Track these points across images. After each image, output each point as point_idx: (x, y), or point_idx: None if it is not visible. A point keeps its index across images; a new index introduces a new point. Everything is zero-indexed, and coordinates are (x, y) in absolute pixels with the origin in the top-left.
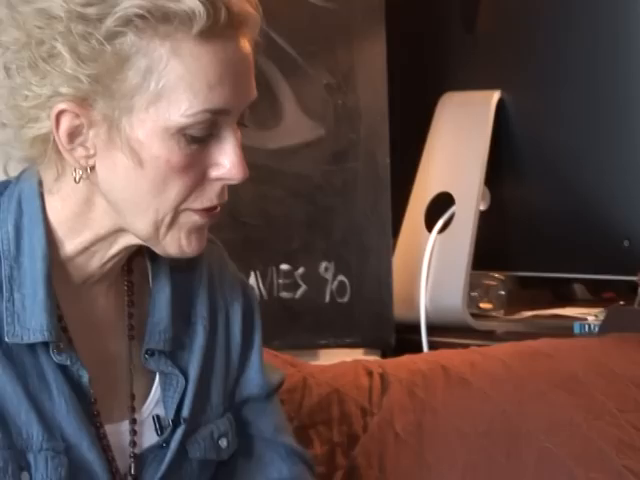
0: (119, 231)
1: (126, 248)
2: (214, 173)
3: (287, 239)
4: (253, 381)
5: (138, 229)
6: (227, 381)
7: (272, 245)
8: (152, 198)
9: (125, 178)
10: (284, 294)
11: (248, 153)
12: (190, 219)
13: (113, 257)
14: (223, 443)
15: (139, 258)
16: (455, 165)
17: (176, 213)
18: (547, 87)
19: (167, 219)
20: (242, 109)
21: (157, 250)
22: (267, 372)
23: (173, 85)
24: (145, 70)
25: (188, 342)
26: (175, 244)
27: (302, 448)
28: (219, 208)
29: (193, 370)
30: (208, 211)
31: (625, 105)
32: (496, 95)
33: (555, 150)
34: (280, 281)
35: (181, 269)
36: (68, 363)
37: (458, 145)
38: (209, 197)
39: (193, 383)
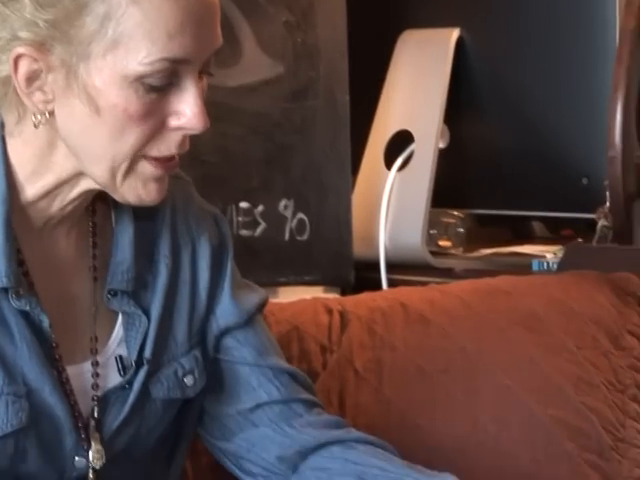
0: (80, 174)
1: (87, 191)
2: (174, 122)
3: (246, 177)
4: (228, 311)
5: (96, 175)
6: (193, 318)
7: (231, 183)
8: (109, 145)
9: (82, 125)
10: (243, 232)
11: (207, 91)
12: (147, 169)
13: (74, 200)
14: (189, 381)
15: (102, 200)
16: (414, 103)
17: (133, 161)
18: (507, 25)
19: (124, 167)
20: (205, 58)
21: (116, 197)
22: (243, 299)
23: (131, 32)
24: (103, 16)
25: (151, 281)
26: (133, 192)
27: (293, 367)
28: (177, 159)
29: (155, 310)
30: (165, 162)
31: (585, 43)
32: (455, 33)
33: (514, 88)
34: (239, 219)
35: (144, 209)
36: (27, 308)
37: (417, 83)
38: (168, 146)
39: (155, 323)
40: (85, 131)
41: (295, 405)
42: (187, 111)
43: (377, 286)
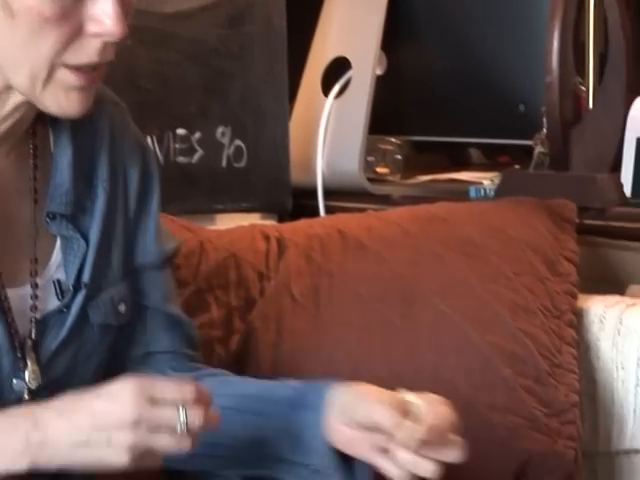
0: (9, 89)
1: (19, 107)
2: (91, 28)
3: (183, 104)
4: (148, 248)
5: (17, 84)
6: (126, 246)
7: (168, 110)
8: (26, 51)
9: None
10: (181, 159)
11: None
12: (68, 77)
13: (8, 117)
14: (121, 308)
15: (43, 122)
16: (352, 29)
17: (52, 68)
18: None
19: (43, 74)
20: None
21: (40, 107)
22: (162, 239)
23: None
24: None
25: (89, 205)
26: (55, 102)
27: (188, 320)
28: (101, 72)
29: (94, 234)
30: (87, 72)
31: None
32: None
33: (452, 14)
34: (176, 146)
35: (83, 132)
36: None
37: (355, 9)
38: (87, 53)
39: (94, 247)
40: (1, 37)
41: (181, 357)
42: (103, 16)
43: (314, 213)
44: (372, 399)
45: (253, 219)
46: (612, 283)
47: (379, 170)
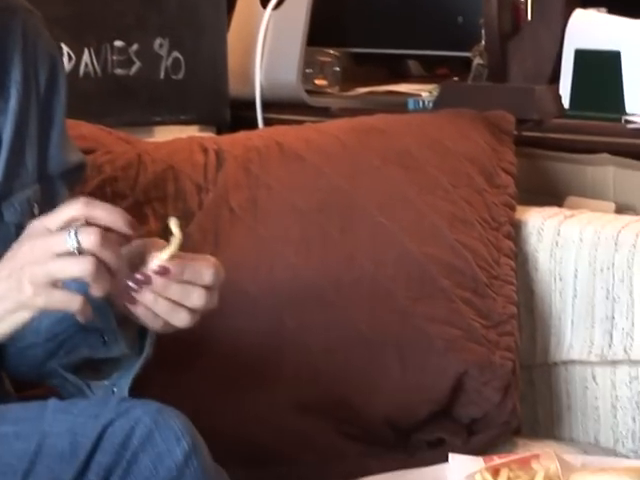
0: None
1: None
2: None
3: (120, 15)
4: (52, 158)
5: None
6: (40, 149)
7: (105, 21)
8: None
9: None
10: (118, 71)
11: None
12: None
13: None
14: (36, 210)
15: None
16: None
17: None
18: None
19: None
20: None
21: None
22: (66, 151)
23: None
24: None
25: (2, 105)
26: None
27: None
28: None
29: (7, 133)
30: None
31: None
32: None
33: None
34: (114, 58)
35: None
36: None
37: None
38: None
39: (7, 146)
40: None
41: None
42: None
43: (253, 125)
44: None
45: (191, 131)
46: (550, 195)
47: (317, 82)
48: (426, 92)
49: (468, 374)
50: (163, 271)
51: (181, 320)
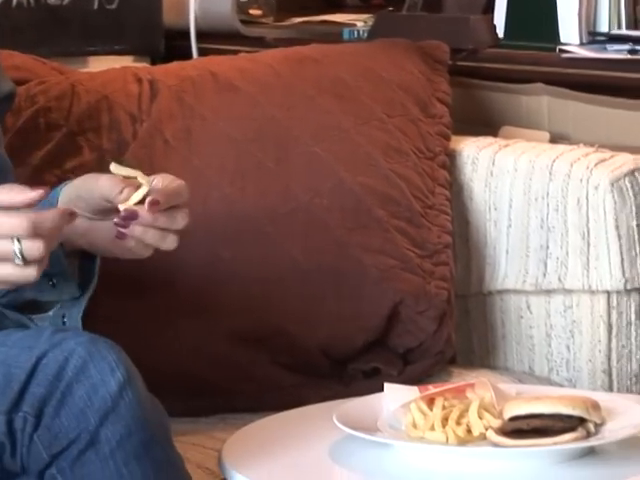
0: None
1: None
2: None
3: None
4: None
5: None
6: None
7: None
8: None
9: None
10: (52, 0)
11: None
12: None
13: None
14: None
15: None
16: None
17: None
18: None
19: None
20: None
21: None
22: None
23: None
24: None
25: None
26: None
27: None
28: None
29: None
30: None
31: None
32: None
33: None
34: None
35: None
36: None
37: None
38: None
39: None
40: None
41: None
42: None
43: (187, 55)
44: (96, 177)
45: (125, 61)
46: (485, 124)
47: (252, 12)
48: (361, 22)
49: (403, 304)
50: (153, 203)
51: (170, 243)
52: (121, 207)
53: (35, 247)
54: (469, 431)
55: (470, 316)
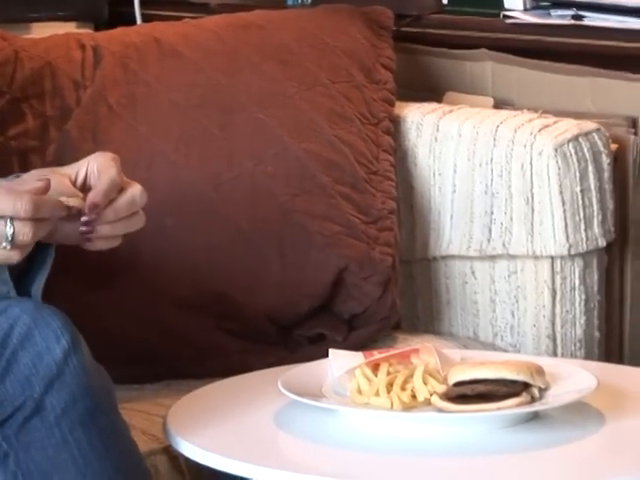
0: None
1: None
2: None
3: None
4: None
5: None
6: None
7: None
8: None
9: None
10: None
11: None
12: None
13: None
14: None
15: None
16: None
17: None
18: None
19: None
20: None
21: None
22: None
23: None
24: None
25: None
26: None
27: None
28: None
29: None
30: None
31: None
32: None
33: None
34: None
35: None
36: None
37: None
38: None
39: None
40: None
41: None
42: None
43: (131, 21)
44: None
45: (69, 28)
46: (429, 90)
47: None
48: None
49: (348, 269)
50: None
51: (138, 223)
52: (70, 203)
53: (27, 231)
54: (414, 397)
55: (415, 282)
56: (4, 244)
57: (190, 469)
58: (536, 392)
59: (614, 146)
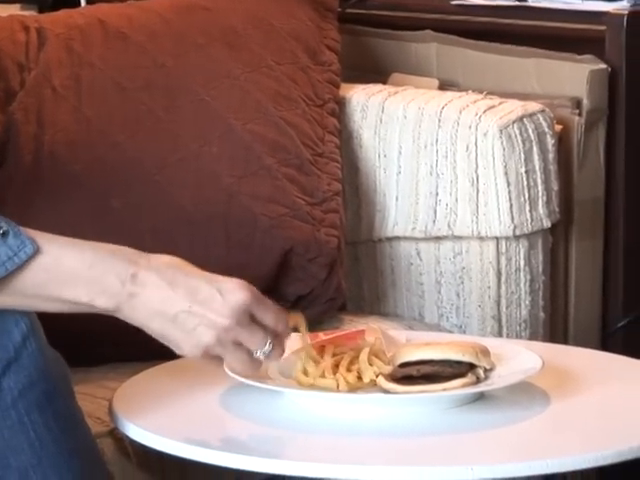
0: None
1: None
2: None
3: None
4: None
5: None
6: None
7: None
8: None
9: None
10: None
11: None
12: None
13: None
14: None
15: None
16: None
17: None
18: None
19: None
20: None
21: None
22: None
23: None
24: None
25: None
26: None
27: None
28: None
29: None
30: None
31: None
32: None
33: None
34: None
35: None
36: None
37: None
38: None
39: None
40: None
41: None
42: None
43: (75, 3)
44: None
45: (12, 10)
46: (374, 72)
47: None
48: None
49: (293, 251)
50: None
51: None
52: None
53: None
54: (360, 378)
55: (360, 263)
56: (256, 355)
57: (136, 452)
58: (481, 373)
59: (559, 127)
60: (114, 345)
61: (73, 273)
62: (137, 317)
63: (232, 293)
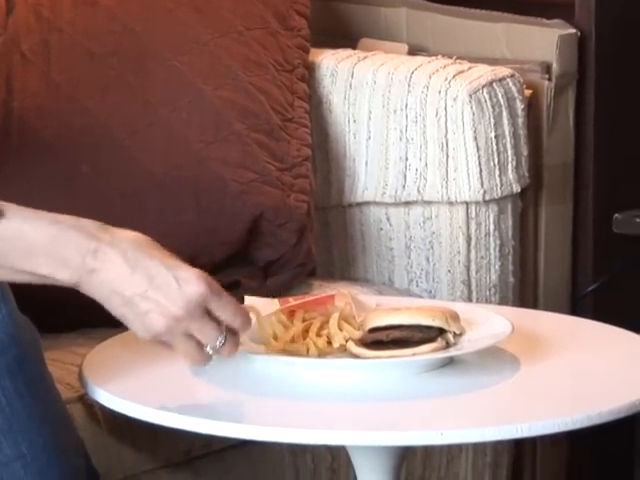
0: None
1: None
2: None
3: None
4: None
5: None
6: None
7: None
8: None
9: None
10: None
11: None
12: None
13: None
14: None
15: None
16: None
17: None
18: None
19: None
20: None
21: None
22: None
23: None
24: None
25: None
26: None
27: None
28: None
29: None
30: None
31: None
32: None
33: None
34: None
35: None
36: None
37: None
38: None
39: None
40: None
41: None
42: None
43: None
44: None
45: None
46: (344, 37)
47: None
48: None
49: (263, 217)
50: None
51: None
52: None
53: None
54: (329, 343)
55: (330, 229)
56: (207, 349)
57: (106, 417)
58: (451, 338)
59: (528, 92)
60: (82, 310)
61: (35, 245)
62: (96, 293)
63: (189, 284)
